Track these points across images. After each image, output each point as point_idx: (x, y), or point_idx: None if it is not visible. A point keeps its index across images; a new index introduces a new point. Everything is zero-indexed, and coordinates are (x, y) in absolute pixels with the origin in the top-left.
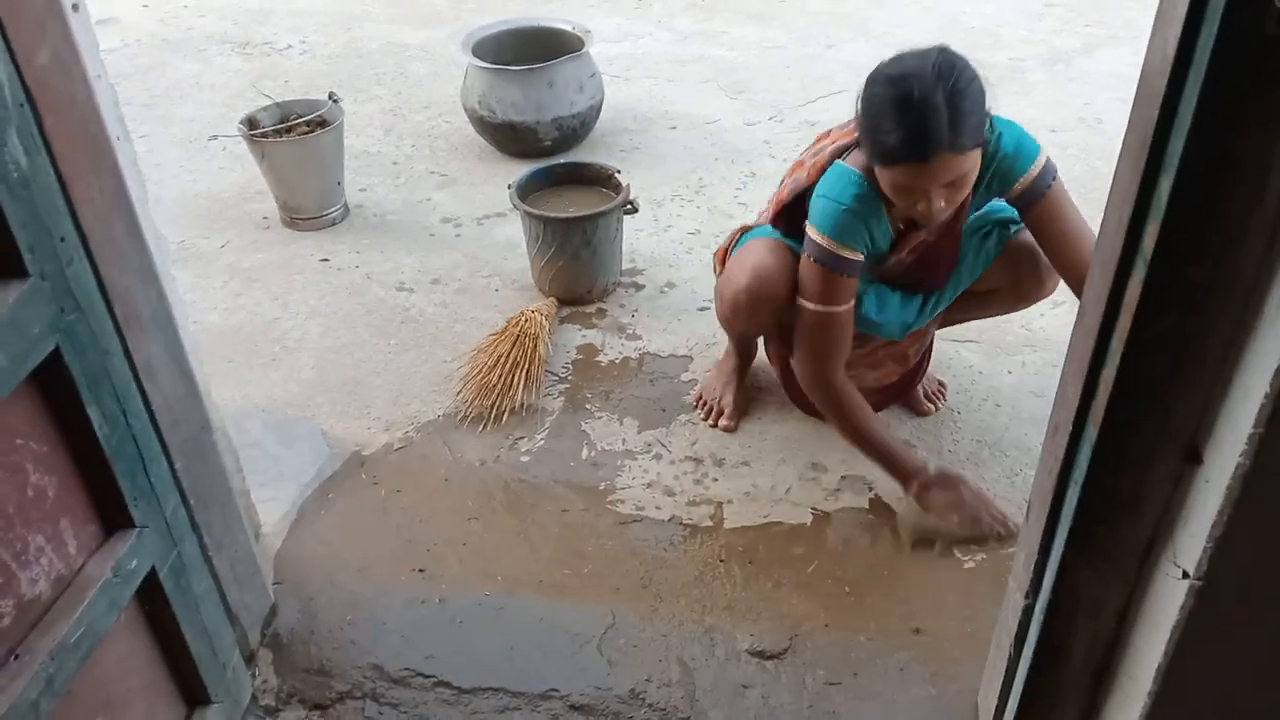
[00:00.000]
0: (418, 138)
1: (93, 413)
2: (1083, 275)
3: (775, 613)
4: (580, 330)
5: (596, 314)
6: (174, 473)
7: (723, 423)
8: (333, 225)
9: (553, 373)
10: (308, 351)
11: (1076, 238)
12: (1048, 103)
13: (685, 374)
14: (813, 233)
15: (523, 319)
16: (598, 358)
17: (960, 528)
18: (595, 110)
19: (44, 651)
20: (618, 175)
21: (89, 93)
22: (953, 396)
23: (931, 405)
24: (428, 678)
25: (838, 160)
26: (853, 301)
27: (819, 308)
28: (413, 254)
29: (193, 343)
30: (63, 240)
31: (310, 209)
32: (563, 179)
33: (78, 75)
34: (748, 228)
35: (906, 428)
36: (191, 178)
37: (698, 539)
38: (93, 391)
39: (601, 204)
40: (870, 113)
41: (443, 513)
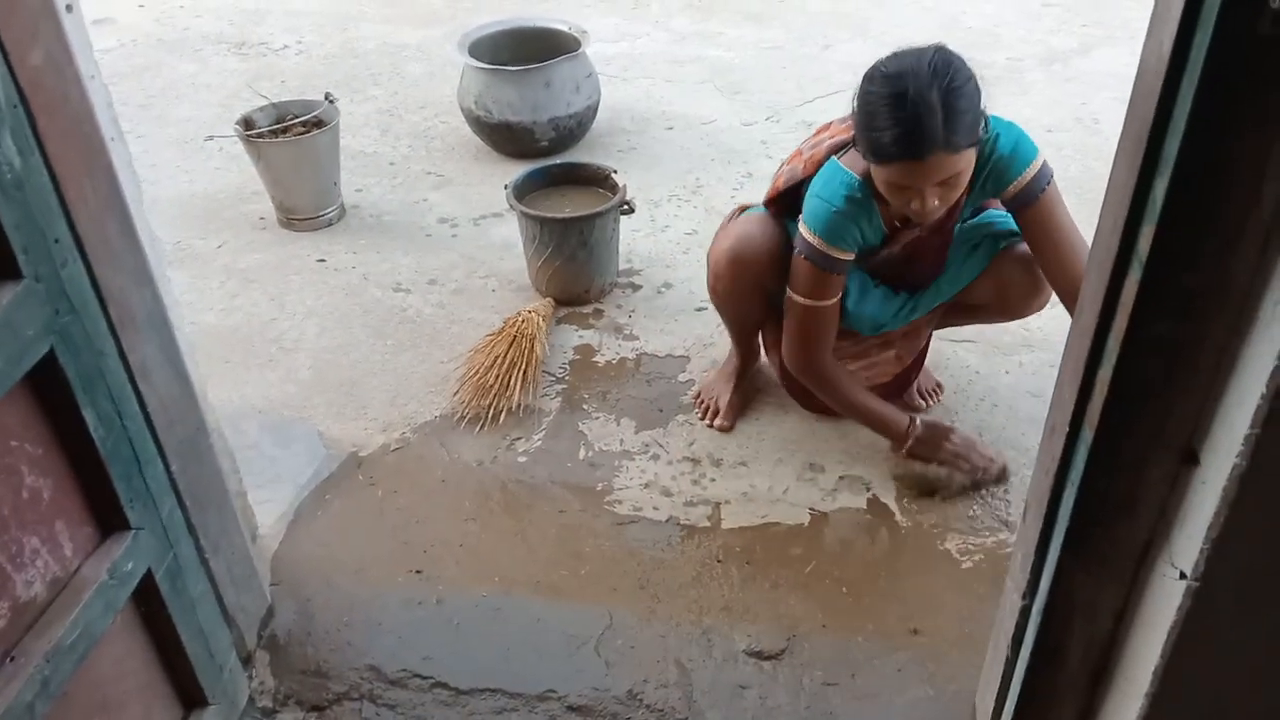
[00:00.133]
0: (414, 138)
1: (88, 414)
2: (1071, 282)
3: (773, 613)
4: (577, 331)
5: (593, 314)
6: (170, 474)
7: (718, 422)
8: (329, 226)
9: (550, 373)
10: (304, 352)
11: (1067, 245)
12: (1045, 103)
13: (682, 374)
14: (805, 231)
15: (520, 319)
16: (595, 358)
17: (953, 473)
18: (592, 111)
19: (39, 654)
20: (614, 176)
21: (83, 93)
22: (950, 397)
23: (924, 402)
24: (425, 679)
25: (833, 157)
26: (839, 295)
27: (808, 302)
28: (409, 254)
29: (188, 344)
30: (57, 242)
31: (306, 209)
32: (559, 179)
33: (71, 76)
34: (745, 207)
35: None
36: (188, 178)
37: (695, 539)
38: (88, 393)
39: (598, 204)
40: (866, 110)
41: (440, 514)
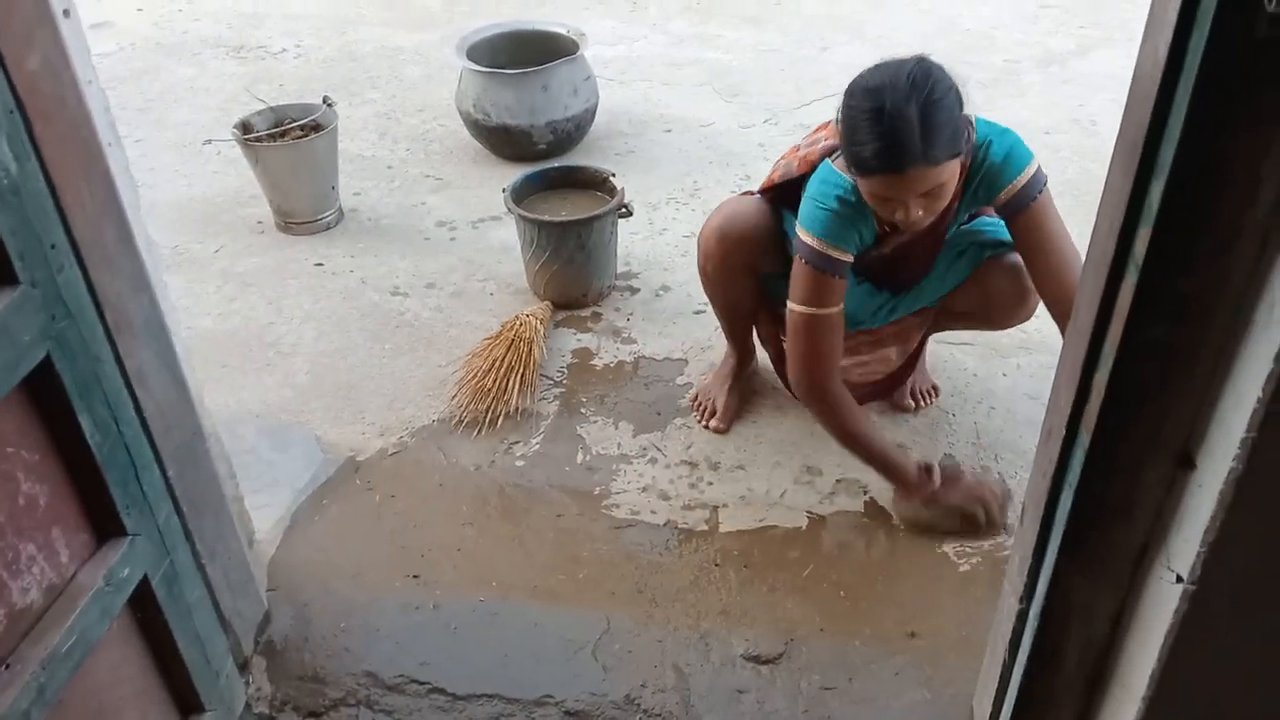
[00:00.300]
0: (412, 141)
1: (84, 420)
2: (1060, 290)
3: (770, 617)
4: (575, 334)
5: (591, 318)
6: (166, 480)
7: (713, 424)
8: (327, 229)
9: (547, 377)
10: (302, 356)
11: (1058, 253)
12: (1042, 104)
13: (680, 377)
14: (803, 234)
15: (517, 323)
16: (593, 361)
17: (963, 523)
18: (590, 114)
19: (35, 661)
20: (612, 179)
21: (80, 98)
22: (947, 399)
23: (912, 403)
24: (422, 684)
25: (826, 160)
26: (841, 305)
27: (808, 309)
28: (407, 258)
29: (185, 349)
30: (53, 247)
31: (304, 213)
32: (557, 183)
33: (68, 81)
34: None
35: (902, 431)
36: (186, 182)
37: (693, 543)
38: (84, 399)
39: (596, 207)
40: (847, 124)
41: (437, 518)
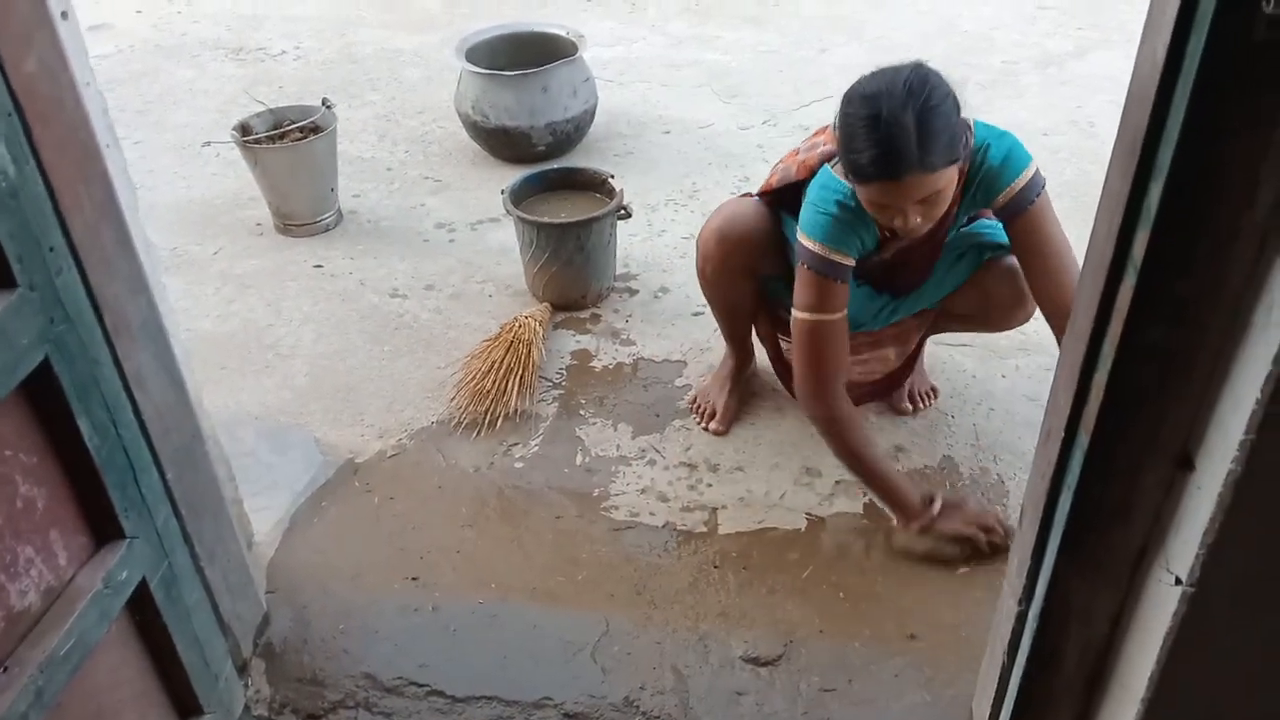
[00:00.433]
0: (411, 143)
1: (82, 423)
2: (1056, 294)
3: (769, 619)
4: (574, 336)
5: (590, 319)
6: (165, 482)
7: (713, 426)
8: (326, 231)
9: (547, 378)
10: (301, 358)
11: (1055, 258)
12: (1040, 106)
13: (679, 379)
14: (804, 240)
15: (516, 325)
16: (592, 363)
17: (962, 549)
18: (589, 115)
19: (33, 664)
20: (611, 180)
21: (78, 100)
22: (946, 400)
23: (910, 406)
24: (421, 686)
25: (825, 165)
26: (845, 312)
27: (811, 315)
28: (406, 260)
29: (184, 351)
30: (51, 250)
31: (304, 215)
32: (556, 184)
33: (66, 83)
34: (746, 196)
35: (901, 432)
36: (185, 184)
37: (692, 545)
38: (82, 402)
39: (595, 209)
40: (844, 131)
41: (436, 520)
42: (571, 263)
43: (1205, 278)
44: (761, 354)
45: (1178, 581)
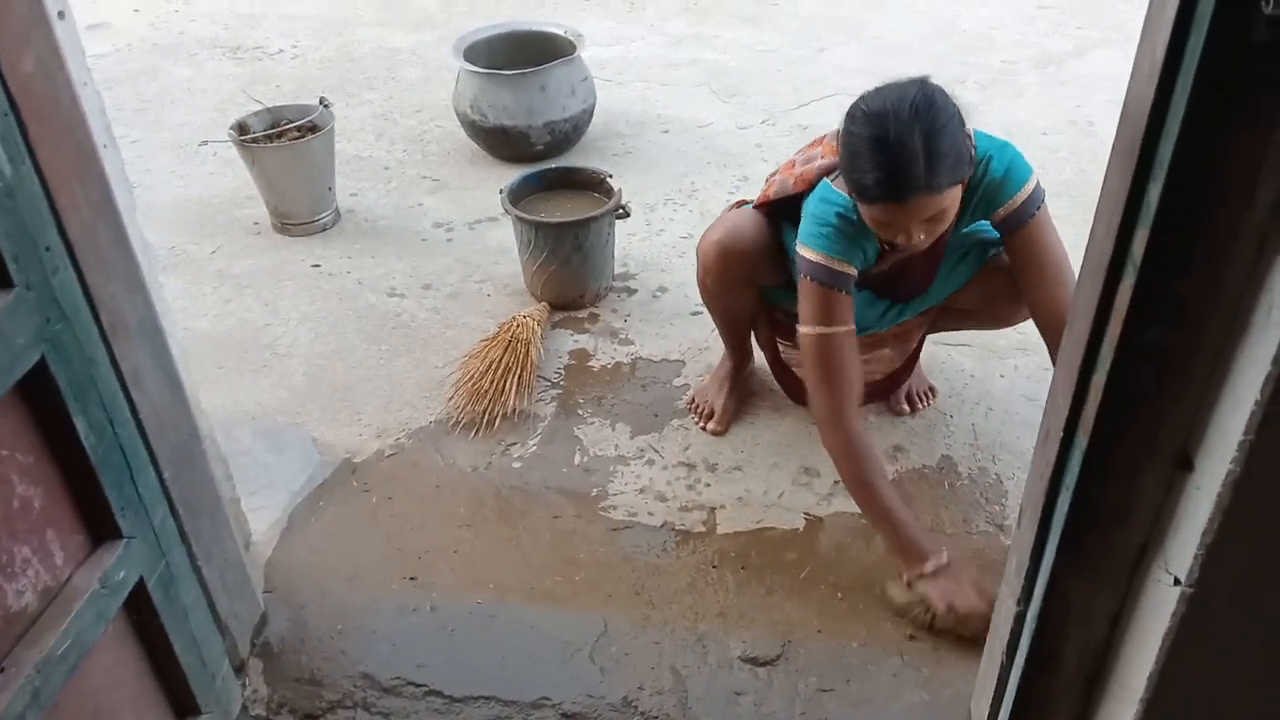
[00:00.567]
0: (409, 142)
1: (79, 423)
2: (1052, 306)
3: (768, 619)
4: (572, 335)
5: (589, 319)
6: (162, 482)
7: (711, 426)
8: (324, 231)
9: (545, 378)
10: (298, 358)
11: (1053, 271)
12: (1039, 105)
13: (678, 379)
14: (805, 251)
15: (514, 324)
16: (590, 363)
17: (946, 621)
18: (587, 114)
19: (30, 664)
20: (610, 180)
21: (74, 100)
22: (945, 400)
23: (908, 407)
24: (419, 687)
25: (825, 179)
26: (852, 325)
27: (817, 329)
28: (404, 259)
29: (181, 350)
30: (48, 249)
31: (301, 214)
32: (555, 183)
33: (63, 82)
34: (743, 203)
35: (900, 432)
36: (182, 183)
37: (690, 545)
38: (79, 401)
39: (593, 209)
40: (848, 149)
41: (434, 520)
42: (570, 262)
43: (1204, 278)
44: (760, 354)
45: (1177, 582)
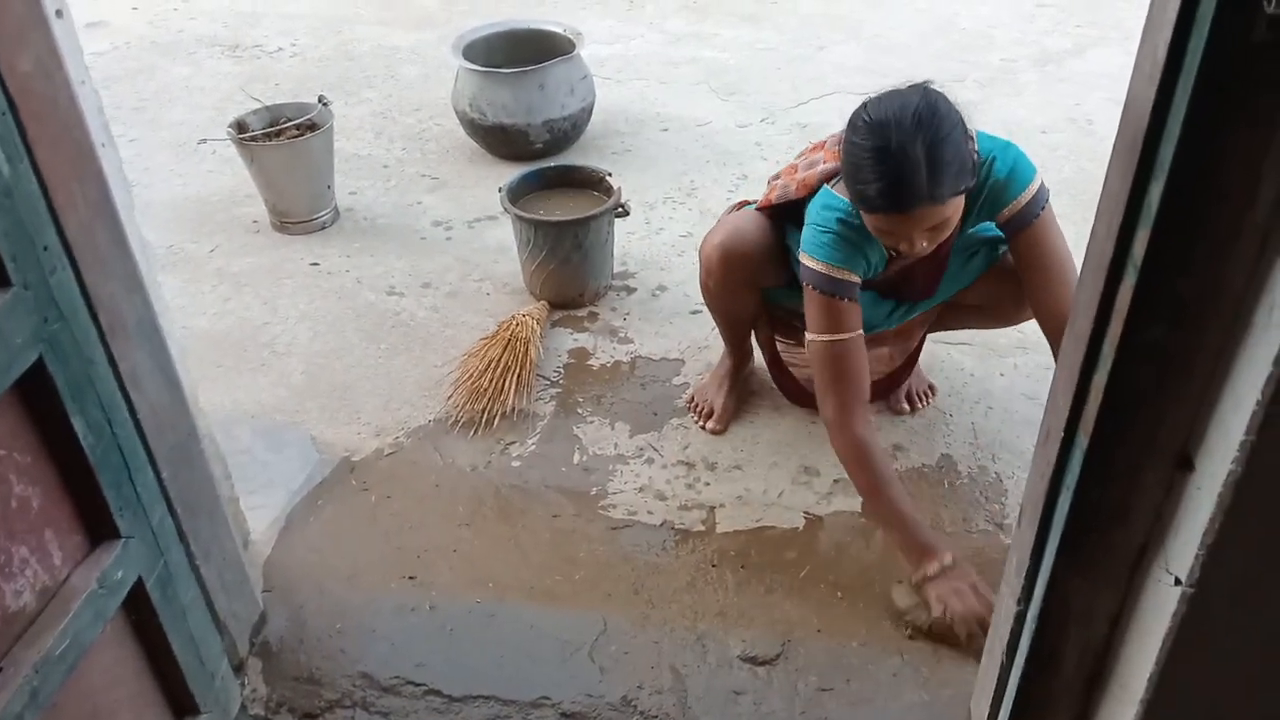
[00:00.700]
0: (408, 140)
1: (77, 422)
2: (1055, 306)
3: (767, 618)
4: (572, 334)
5: (588, 317)
6: (160, 482)
7: (710, 425)
8: (323, 229)
9: (544, 377)
10: (297, 356)
11: (1057, 271)
12: (1039, 104)
13: (677, 378)
14: (808, 261)
15: (514, 323)
16: (589, 361)
17: (944, 624)
18: (586, 113)
19: (28, 664)
20: (609, 178)
21: (72, 99)
22: (944, 399)
23: (908, 406)
24: (418, 686)
25: (825, 185)
26: (860, 331)
27: (826, 337)
28: (403, 258)
29: (179, 349)
30: (46, 249)
31: (300, 213)
32: (554, 182)
33: (61, 82)
34: (745, 203)
35: (900, 431)
36: (181, 181)
37: (689, 544)
38: (77, 401)
39: (593, 207)
40: (850, 159)
41: (433, 519)
42: (569, 261)
43: (1205, 277)
44: (759, 354)
45: (1177, 582)
